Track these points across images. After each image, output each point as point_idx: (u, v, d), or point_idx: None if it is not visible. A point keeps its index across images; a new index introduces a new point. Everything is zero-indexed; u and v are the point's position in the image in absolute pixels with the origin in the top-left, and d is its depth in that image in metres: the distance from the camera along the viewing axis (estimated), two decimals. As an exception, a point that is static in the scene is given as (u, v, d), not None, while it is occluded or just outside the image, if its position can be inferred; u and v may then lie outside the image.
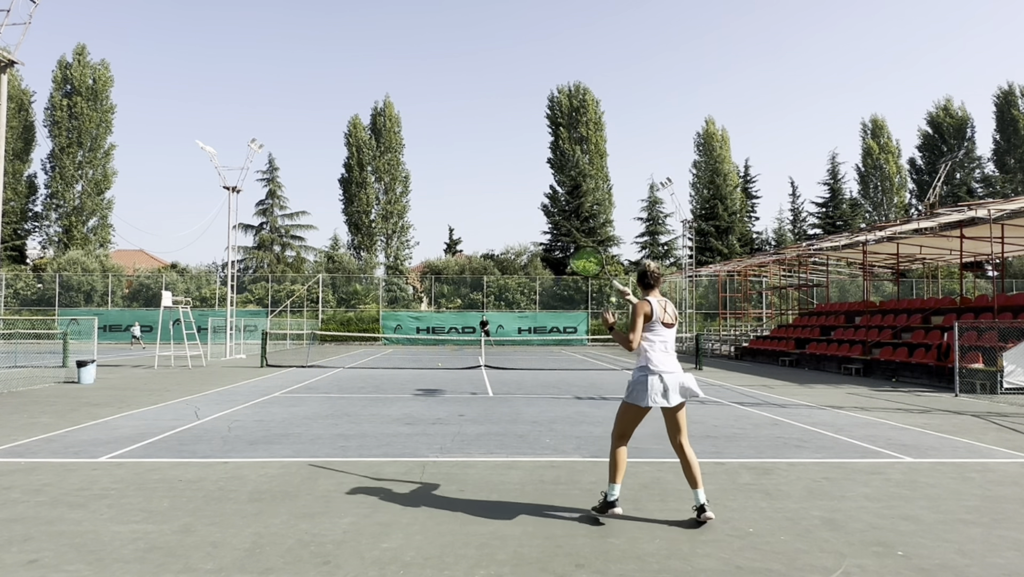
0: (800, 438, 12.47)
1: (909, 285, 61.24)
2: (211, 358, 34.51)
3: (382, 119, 78.62)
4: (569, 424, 13.92)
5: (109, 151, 73.60)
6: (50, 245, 72.82)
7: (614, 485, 7.19)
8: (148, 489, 8.32)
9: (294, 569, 5.77)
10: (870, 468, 9.92)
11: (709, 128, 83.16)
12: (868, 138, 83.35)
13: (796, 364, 33.95)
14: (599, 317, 62.78)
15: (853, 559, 6.12)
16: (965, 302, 28.79)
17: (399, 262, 76.63)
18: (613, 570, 5.82)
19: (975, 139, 79.65)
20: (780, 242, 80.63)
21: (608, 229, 76.46)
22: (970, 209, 24.94)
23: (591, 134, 78.55)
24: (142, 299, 65.51)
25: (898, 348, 27.49)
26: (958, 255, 31.90)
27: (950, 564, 6.04)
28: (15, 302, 62.30)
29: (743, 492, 8.46)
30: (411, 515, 7.33)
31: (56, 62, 72.95)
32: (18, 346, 37.78)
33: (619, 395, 19.36)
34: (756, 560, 6.08)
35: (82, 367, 21.62)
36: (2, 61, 18.71)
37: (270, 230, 77.07)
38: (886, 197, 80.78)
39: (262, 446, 11.17)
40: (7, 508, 7.47)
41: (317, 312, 62.74)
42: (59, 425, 13.19)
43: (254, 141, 39.49)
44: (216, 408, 15.84)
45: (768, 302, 60.59)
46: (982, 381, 20.99)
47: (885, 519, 7.36)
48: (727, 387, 22.27)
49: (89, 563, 5.86)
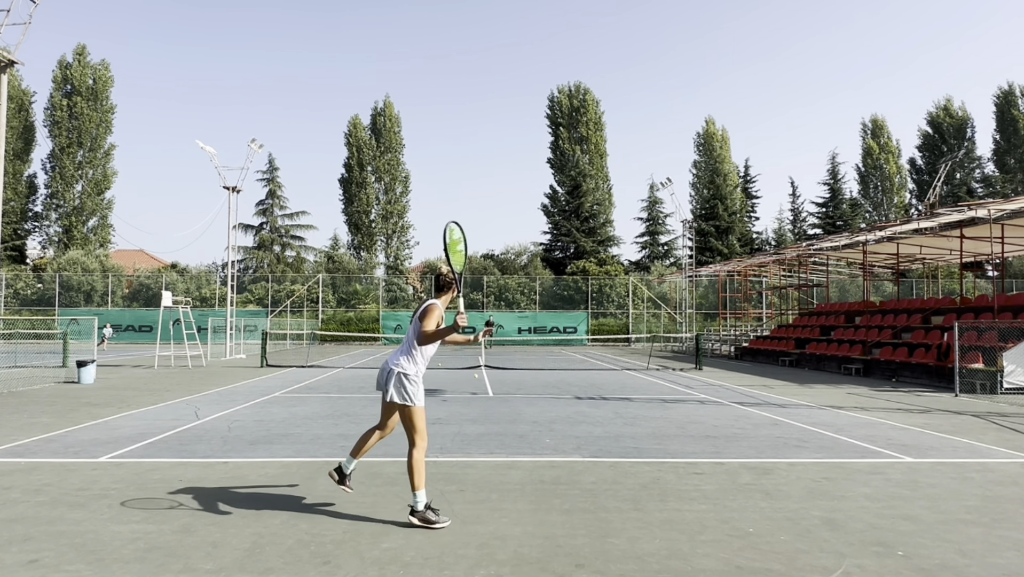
0: (800, 438, 12.47)
1: (909, 285, 61.27)
2: (211, 358, 34.52)
3: (382, 119, 78.62)
4: (569, 424, 13.89)
5: (109, 151, 73.69)
6: (50, 245, 72.92)
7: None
8: (148, 489, 8.32)
9: (294, 569, 5.76)
10: (870, 468, 9.92)
11: (709, 128, 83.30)
12: (868, 138, 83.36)
13: (796, 364, 33.94)
14: (599, 318, 62.92)
15: (853, 559, 6.11)
16: (965, 302, 28.81)
17: (399, 262, 76.67)
18: (613, 570, 5.81)
19: (975, 139, 79.82)
20: (780, 242, 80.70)
21: (608, 229, 76.66)
22: (970, 209, 24.94)
23: (591, 134, 78.68)
24: (142, 299, 65.57)
25: (898, 348, 27.49)
26: (958, 255, 31.91)
27: (950, 564, 6.03)
28: (15, 302, 62.34)
29: (743, 492, 8.45)
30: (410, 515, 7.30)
31: (56, 62, 73.18)
32: (18, 346, 37.73)
33: (620, 395, 19.41)
34: (756, 560, 6.06)
35: (82, 367, 21.61)
36: (2, 61, 18.71)
37: (270, 230, 77.12)
38: (886, 197, 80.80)
39: (262, 446, 11.17)
40: (7, 508, 7.46)
41: (317, 312, 62.77)
42: (59, 425, 13.18)
43: (254, 141, 39.54)
44: (216, 408, 15.84)
45: (768, 302, 60.63)
46: (982, 381, 20.98)
47: (885, 519, 7.34)
48: (727, 387, 22.27)
49: (89, 563, 5.85)
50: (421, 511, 7.02)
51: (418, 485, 7.06)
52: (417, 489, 7.05)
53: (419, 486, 7.05)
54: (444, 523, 7.00)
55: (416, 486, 7.06)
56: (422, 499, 7.06)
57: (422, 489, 7.07)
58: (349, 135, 78.04)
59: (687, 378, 25.71)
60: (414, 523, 6.95)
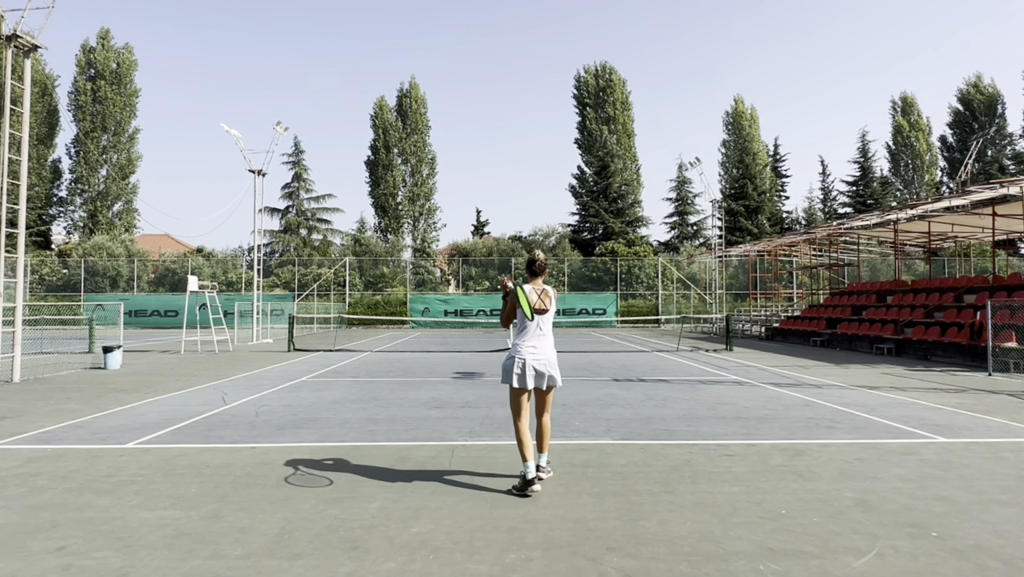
0: (832, 419, 12.35)
1: (941, 264, 60.69)
2: (238, 343, 34.69)
3: (408, 100, 78.52)
4: (599, 406, 13.83)
5: (134, 135, 74.00)
6: (75, 230, 73.43)
7: (527, 463, 7.53)
8: (176, 475, 8.31)
9: (323, 554, 5.74)
10: (903, 449, 9.81)
11: (738, 107, 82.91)
12: (898, 116, 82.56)
13: (827, 344, 33.71)
14: (628, 299, 62.72)
15: (887, 540, 6.04)
16: (998, 280, 28.51)
17: (426, 244, 76.65)
18: (644, 553, 5.76)
19: (1006, 116, 78.58)
20: (810, 221, 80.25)
21: (637, 210, 76.30)
22: (1002, 186, 24.66)
23: (618, 114, 78.34)
24: (168, 284, 65.93)
25: (930, 327, 27.24)
26: (990, 233, 31.64)
27: (985, 545, 5.95)
28: (40, 288, 62.79)
29: (775, 474, 8.37)
30: (440, 499, 7.29)
31: (80, 46, 73.27)
32: (44, 332, 38.02)
33: (651, 377, 19.33)
34: (788, 542, 6.00)
35: (108, 353, 21.65)
36: (26, 45, 18.72)
37: (296, 213, 77.33)
38: (917, 175, 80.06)
39: (290, 431, 11.16)
40: (35, 495, 7.47)
41: (344, 295, 62.78)
42: (86, 411, 13.22)
43: (279, 124, 39.60)
44: (243, 393, 15.86)
45: (799, 282, 60.31)
46: (1016, 360, 20.74)
47: (918, 500, 7.26)
48: (758, 368, 22.14)
49: (117, 550, 5.84)
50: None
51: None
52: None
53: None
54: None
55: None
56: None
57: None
58: (375, 117, 77.88)
59: (717, 359, 25.56)
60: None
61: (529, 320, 7.72)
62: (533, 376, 7.60)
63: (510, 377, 7.61)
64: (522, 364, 7.59)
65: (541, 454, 7.99)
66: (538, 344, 7.71)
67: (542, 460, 7.99)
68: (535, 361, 7.62)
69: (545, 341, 7.77)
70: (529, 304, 7.73)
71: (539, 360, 7.64)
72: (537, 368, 7.62)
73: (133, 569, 5.43)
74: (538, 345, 7.70)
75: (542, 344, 7.73)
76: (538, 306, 7.75)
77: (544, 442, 8.00)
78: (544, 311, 7.79)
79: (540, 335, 7.76)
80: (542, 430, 7.98)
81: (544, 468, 8.01)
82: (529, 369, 7.58)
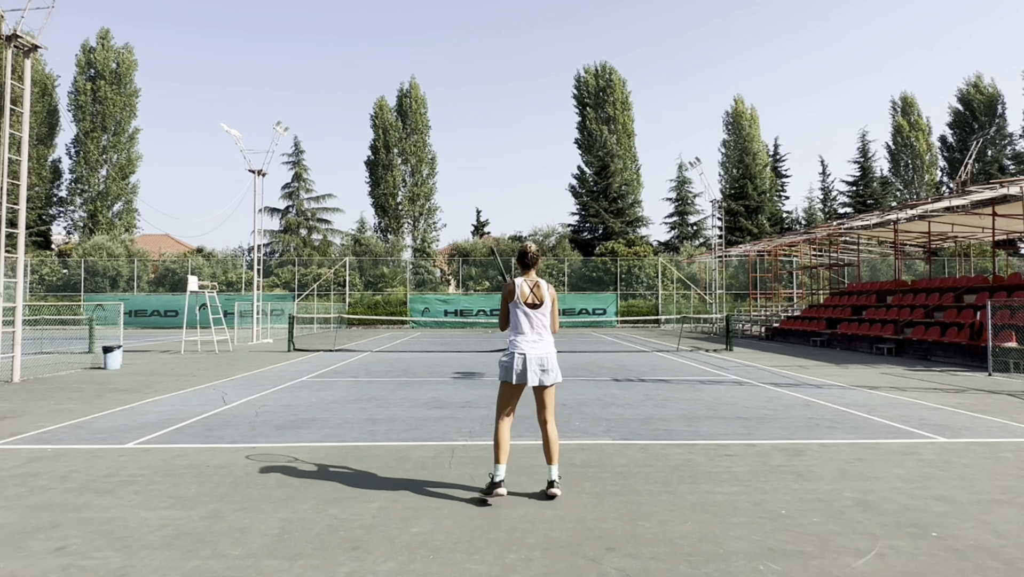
0: (832, 419, 12.36)
1: (941, 264, 60.68)
2: (238, 343, 34.72)
3: (408, 100, 78.57)
4: (599, 406, 13.84)
5: (133, 135, 74.05)
6: (75, 230, 73.47)
7: (498, 465, 7.40)
8: (176, 475, 8.32)
9: (323, 554, 5.74)
10: (903, 449, 9.82)
11: (738, 107, 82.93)
12: (898, 116, 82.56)
13: (827, 344, 33.74)
14: (628, 299, 62.71)
15: (886, 540, 6.04)
16: (998, 280, 28.52)
17: (426, 244, 76.70)
18: (644, 553, 5.76)
19: (1006, 116, 78.56)
20: (810, 221, 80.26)
21: (637, 210, 76.37)
22: (1002, 186, 24.69)
23: (618, 114, 78.35)
24: (168, 284, 65.95)
25: (930, 327, 27.26)
26: (990, 233, 31.64)
27: (985, 545, 5.96)
28: (40, 288, 62.81)
29: (775, 474, 8.38)
30: (440, 499, 7.31)
31: (80, 46, 73.29)
32: (44, 332, 38.02)
33: (651, 377, 19.34)
34: (788, 542, 6.00)
35: (108, 353, 21.65)
36: (26, 45, 18.72)
37: (296, 213, 77.39)
38: (917, 175, 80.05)
39: (290, 431, 11.17)
40: (35, 495, 7.48)
41: (344, 295, 62.78)
42: (86, 411, 13.23)
43: (279, 124, 39.63)
44: (243, 393, 15.88)
45: (799, 282, 60.33)
46: (1016, 360, 20.74)
47: (918, 500, 7.27)
48: (758, 368, 22.15)
49: (117, 550, 5.84)
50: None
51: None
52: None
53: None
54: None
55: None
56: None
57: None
58: (375, 117, 77.93)
59: (717, 359, 25.58)
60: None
61: (521, 314, 7.53)
62: (530, 372, 7.38)
63: (508, 373, 7.41)
64: (522, 360, 7.40)
65: (551, 466, 7.51)
66: (534, 339, 7.50)
67: (553, 473, 7.49)
68: (532, 356, 7.40)
69: (541, 336, 7.56)
70: (522, 297, 7.55)
71: (536, 355, 7.43)
72: (534, 364, 7.40)
73: (133, 569, 5.43)
74: (534, 340, 7.50)
75: (538, 339, 7.52)
76: (530, 300, 7.53)
77: (552, 452, 7.54)
78: (536, 305, 7.56)
79: (535, 330, 7.54)
80: (548, 439, 7.54)
81: (556, 482, 7.48)
82: (529, 363, 7.39)
